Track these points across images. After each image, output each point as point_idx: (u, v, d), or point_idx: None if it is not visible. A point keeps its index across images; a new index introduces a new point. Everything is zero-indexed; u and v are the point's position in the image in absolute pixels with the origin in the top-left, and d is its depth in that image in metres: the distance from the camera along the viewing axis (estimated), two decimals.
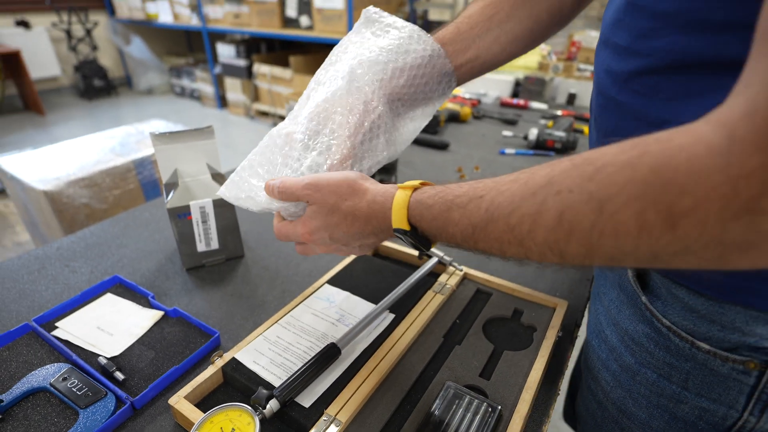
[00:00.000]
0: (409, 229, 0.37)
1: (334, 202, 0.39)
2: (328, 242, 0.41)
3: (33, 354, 0.50)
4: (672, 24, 0.31)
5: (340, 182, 0.40)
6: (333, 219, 0.40)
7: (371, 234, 0.40)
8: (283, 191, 0.41)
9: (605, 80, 0.39)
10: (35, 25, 4.25)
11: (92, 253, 0.70)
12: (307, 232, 0.41)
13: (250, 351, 0.48)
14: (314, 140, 0.44)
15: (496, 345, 0.51)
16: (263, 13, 3.47)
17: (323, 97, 0.45)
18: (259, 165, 0.46)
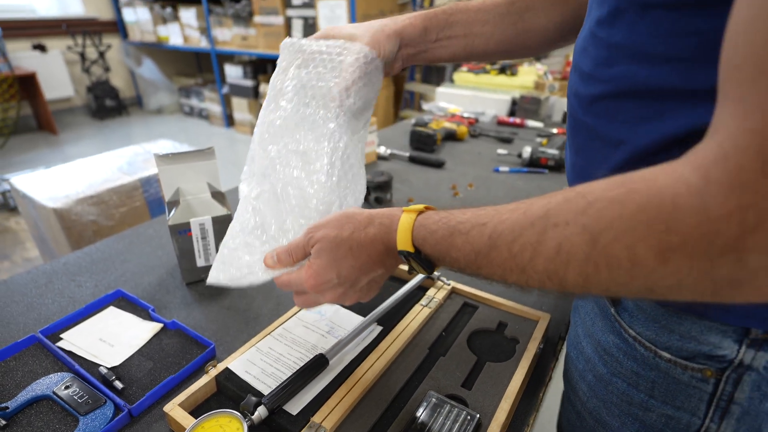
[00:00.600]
0: (413, 251, 0.37)
1: (336, 234, 0.39)
2: (335, 283, 0.40)
3: (38, 364, 0.53)
4: (623, 54, 0.34)
5: (339, 216, 0.41)
6: (339, 252, 0.39)
7: (378, 263, 0.40)
8: (285, 257, 0.42)
9: (574, 103, 0.42)
10: (51, 49, 4.41)
11: (97, 268, 0.73)
12: (312, 275, 0.40)
13: (243, 361, 0.50)
14: (289, 197, 0.45)
15: (479, 356, 0.53)
16: (270, 36, 3.58)
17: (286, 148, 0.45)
18: (244, 236, 0.45)
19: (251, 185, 0.47)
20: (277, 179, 0.46)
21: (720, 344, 0.35)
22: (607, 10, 0.35)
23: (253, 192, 0.46)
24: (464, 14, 0.53)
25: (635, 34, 0.33)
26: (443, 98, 1.87)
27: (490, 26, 0.53)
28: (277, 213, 0.45)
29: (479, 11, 0.53)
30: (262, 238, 0.45)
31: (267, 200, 0.46)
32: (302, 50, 0.48)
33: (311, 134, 0.45)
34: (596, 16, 0.37)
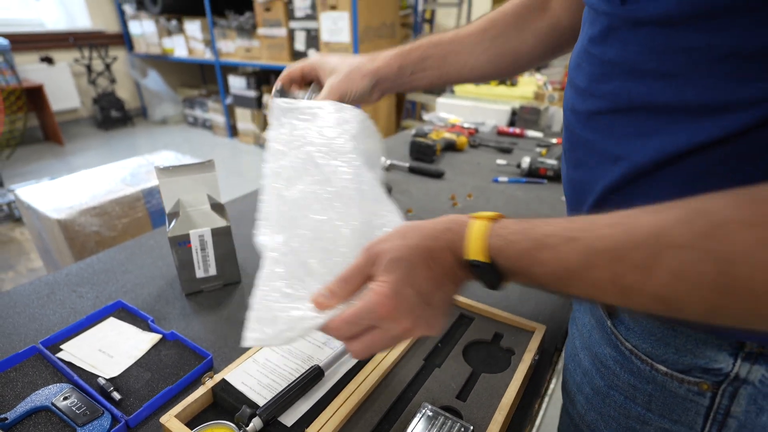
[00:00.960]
0: (486, 260, 0.33)
1: (404, 243, 0.35)
2: (414, 302, 0.34)
3: (38, 375, 0.54)
4: (617, 71, 0.35)
5: (398, 229, 0.37)
6: (413, 262, 0.34)
7: (449, 276, 0.35)
8: (340, 287, 0.36)
9: (571, 117, 0.43)
10: (58, 61, 4.49)
11: (98, 279, 0.74)
12: (386, 295, 0.33)
13: (240, 372, 0.51)
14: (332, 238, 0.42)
15: (474, 368, 0.53)
16: (273, 47, 3.63)
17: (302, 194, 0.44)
18: (279, 287, 0.39)
19: (273, 236, 0.44)
20: (305, 221, 0.43)
21: (715, 357, 0.35)
22: (599, 28, 0.36)
23: (278, 239, 0.43)
24: (437, 48, 0.57)
25: (628, 51, 0.34)
26: (444, 108, 1.89)
27: (464, 55, 0.57)
28: (314, 251, 0.41)
29: (452, 42, 0.57)
30: (301, 283, 0.40)
31: (299, 242, 0.42)
32: (296, 108, 0.50)
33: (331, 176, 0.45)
34: (589, 34, 0.38)
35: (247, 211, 0.98)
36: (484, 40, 0.57)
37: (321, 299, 0.37)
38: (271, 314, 0.37)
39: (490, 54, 0.57)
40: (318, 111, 0.50)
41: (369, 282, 0.36)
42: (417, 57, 0.56)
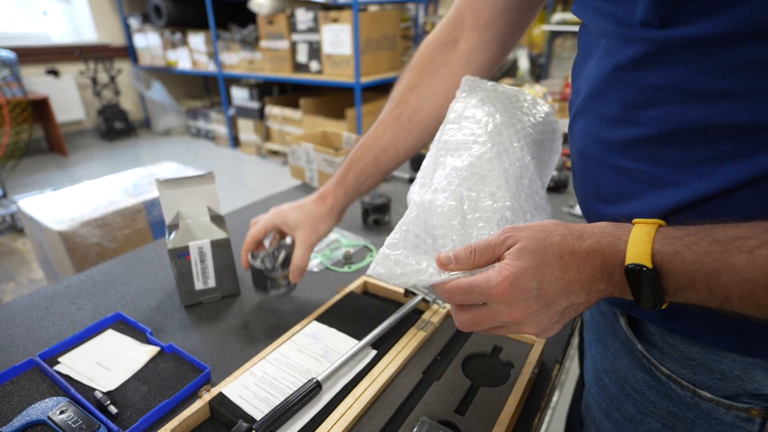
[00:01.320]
0: (651, 266, 0.29)
1: (545, 237, 0.33)
2: (533, 296, 0.32)
3: (35, 388, 0.53)
4: (664, 95, 0.33)
5: (545, 221, 0.35)
6: (547, 257, 0.32)
7: (584, 286, 0.32)
8: (466, 257, 0.35)
9: (595, 148, 0.40)
10: (64, 74, 4.55)
11: (98, 290, 0.74)
12: (507, 278, 0.32)
13: (237, 386, 0.51)
14: (472, 207, 0.42)
15: (473, 381, 0.52)
16: (276, 59, 3.67)
17: (467, 161, 0.44)
18: (414, 239, 0.41)
19: (422, 194, 0.45)
20: (455, 188, 0.44)
21: (765, 382, 0.34)
22: (632, 54, 0.34)
23: (426, 197, 0.44)
24: (367, 158, 0.61)
25: (677, 74, 0.32)
26: None
27: (392, 149, 0.61)
28: (453, 215, 0.42)
29: (376, 144, 0.61)
30: (435, 241, 0.41)
31: (443, 204, 0.43)
32: (483, 88, 0.52)
33: (500, 156, 0.45)
34: (615, 62, 0.36)
35: (246, 222, 0.98)
36: (402, 125, 0.60)
37: (444, 260, 0.37)
38: (396, 256, 0.39)
39: (414, 133, 0.60)
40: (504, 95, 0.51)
41: (497, 262, 0.35)
42: (354, 178, 0.62)
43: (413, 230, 0.41)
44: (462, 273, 0.37)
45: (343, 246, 0.88)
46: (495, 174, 0.44)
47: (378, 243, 0.88)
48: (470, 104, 0.50)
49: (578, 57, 0.46)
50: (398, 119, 0.60)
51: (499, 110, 0.49)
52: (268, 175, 3.75)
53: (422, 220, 0.42)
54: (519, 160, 0.45)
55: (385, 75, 3.54)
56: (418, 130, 0.60)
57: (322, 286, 0.75)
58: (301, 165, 1.22)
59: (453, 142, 0.47)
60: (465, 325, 0.36)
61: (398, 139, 0.60)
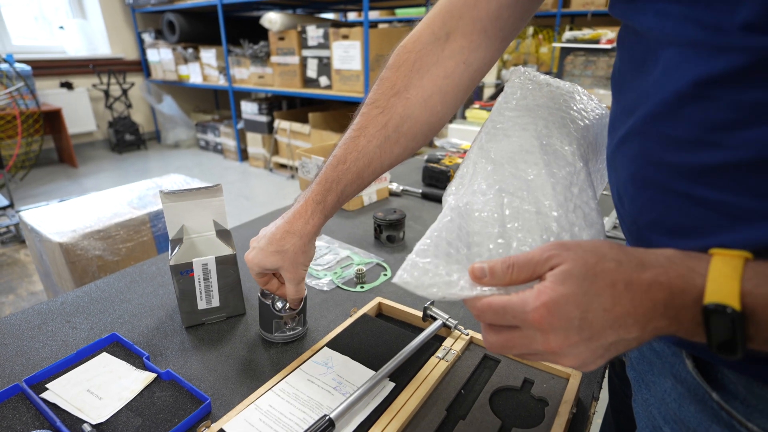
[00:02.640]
0: (739, 308, 0.25)
1: (596, 262, 0.29)
2: (574, 326, 0.28)
3: (18, 418, 0.48)
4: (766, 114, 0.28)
5: (600, 241, 0.31)
6: (595, 286, 0.28)
7: (640, 321, 0.28)
8: (502, 272, 0.31)
9: (657, 173, 0.35)
10: (77, 86, 4.61)
11: (95, 308, 0.70)
12: (545, 304, 0.28)
13: (240, 422, 0.45)
14: (514, 215, 0.38)
15: (503, 420, 0.47)
16: (285, 74, 3.69)
17: (511, 165, 0.40)
18: (447, 246, 0.37)
19: (458, 197, 0.41)
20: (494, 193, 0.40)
21: None
22: (728, 65, 0.29)
23: (462, 200, 0.40)
24: (349, 175, 0.52)
25: None
26: (455, 134, 1.87)
27: (377, 163, 0.53)
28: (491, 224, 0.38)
29: (360, 158, 0.52)
30: (469, 249, 0.37)
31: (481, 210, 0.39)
32: (535, 81, 0.47)
33: (549, 161, 0.41)
34: (700, 74, 0.31)
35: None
36: (389, 135, 0.52)
37: (478, 273, 0.32)
38: (425, 264, 0.35)
39: (402, 144, 0.53)
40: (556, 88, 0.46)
41: (537, 280, 0.31)
42: (334, 199, 0.53)
43: (446, 236, 0.37)
44: (497, 289, 0.33)
45: (355, 264, 0.83)
46: (541, 180, 0.39)
47: (391, 261, 0.84)
48: (518, 100, 0.45)
49: (622, 69, 0.41)
50: (384, 128, 0.52)
51: (550, 108, 0.44)
52: (275, 188, 3.73)
53: (456, 225, 0.38)
54: (569, 165, 0.41)
55: None
56: (407, 141, 0.53)
57: (332, 307, 0.70)
58: (311, 178, 1.18)
59: (496, 142, 0.43)
60: (494, 346, 0.32)
61: (383, 151, 0.52)
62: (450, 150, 1.65)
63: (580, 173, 0.42)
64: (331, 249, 0.88)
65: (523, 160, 0.40)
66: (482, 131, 0.45)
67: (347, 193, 0.54)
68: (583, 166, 0.42)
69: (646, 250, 0.30)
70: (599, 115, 0.47)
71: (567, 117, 0.44)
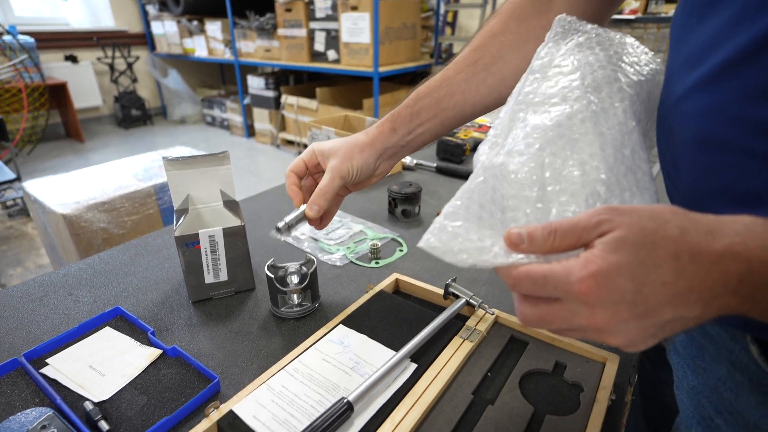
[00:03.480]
0: None
1: (657, 228, 0.25)
2: (626, 300, 0.24)
3: (17, 394, 0.46)
4: None
5: (661, 207, 0.27)
6: (654, 255, 0.24)
7: (706, 297, 0.24)
8: (543, 238, 0.27)
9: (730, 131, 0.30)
10: (82, 60, 4.54)
11: (98, 281, 0.66)
12: (593, 274, 0.24)
13: (251, 402, 0.42)
14: (555, 177, 0.34)
15: (535, 406, 0.43)
16: (292, 48, 3.59)
17: (554, 121, 0.35)
18: (478, 209, 0.33)
19: (492, 155, 0.36)
20: (534, 150, 0.35)
21: None
22: None
23: (497, 160, 0.35)
24: (428, 98, 0.52)
25: None
26: None
27: (459, 97, 0.51)
28: (528, 185, 0.34)
29: (441, 87, 0.51)
30: (504, 214, 0.33)
31: (518, 170, 0.35)
32: (582, 30, 0.42)
33: (597, 118, 0.36)
34: None
35: (262, 210, 0.90)
36: (477, 72, 0.50)
37: (515, 239, 0.28)
38: (454, 228, 0.31)
39: (489, 84, 0.51)
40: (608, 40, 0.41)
41: (583, 249, 0.27)
42: (407, 114, 0.51)
43: (477, 198, 0.33)
44: (535, 257, 0.29)
45: (369, 239, 0.79)
46: (588, 139, 0.34)
47: (407, 236, 0.79)
48: (563, 50, 0.40)
49: (685, 12, 0.36)
50: (474, 65, 0.50)
51: (600, 60, 0.38)
52: (282, 164, 3.68)
53: (490, 186, 0.34)
54: (621, 124, 0.35)
55: (405, 65, 3.43)
56: (494, 82, 0.50)
57: (346, 283, 0.66)
58: None
59: (537, 96, 0.37)
60: (529, 320, 0.28)
61: (469, 87, 0.50)
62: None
63: (632, 133, 0.36)
64: (343, 223, 0.84)
65: (569, 116, 0.35)
66: (522, 83, 0.40)
67: (423, 116, 0.51)
68: (636, 125, 0.37)
69: (717, 216, 0.26)
70: (653, 71, 0.42)
71: (618, 70, 0.39)
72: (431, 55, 3.85)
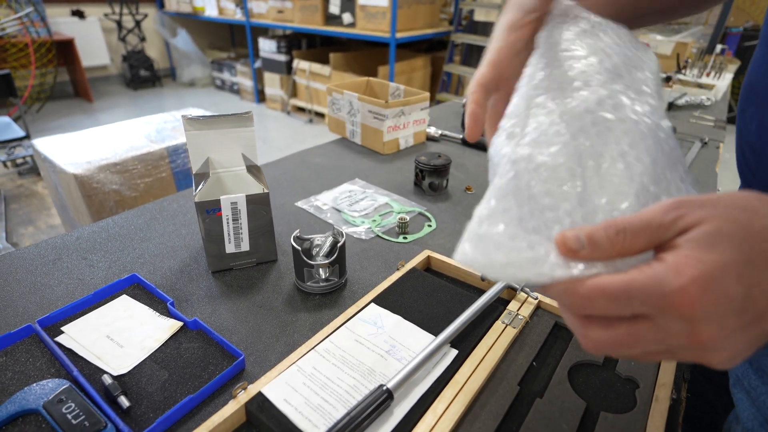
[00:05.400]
0: None
1: (750, 219, 0.21)
2: (736, 308, 0.20)
3: (31, 363, 0.43)
4: None
5: (736, 194, 0.23)
6: (757, 249, 0.21)
7: None
8: (608, 239, 0.23)
9: None
10: (89, 15, 4.40)
11: (113, 245, 0.63)
12: (694, 280, 0.20)
13: (281, 385, 0.39)
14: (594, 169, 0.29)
15: (588, 402, 0.40)
16: (306, 9, 3.44)
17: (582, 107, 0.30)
18: (518, 210, 0.27)
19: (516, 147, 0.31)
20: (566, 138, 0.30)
21: None
22: None
23: (523, 151, 0.30)
24: None
25: None
26: None
27: None
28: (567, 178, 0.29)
29: None
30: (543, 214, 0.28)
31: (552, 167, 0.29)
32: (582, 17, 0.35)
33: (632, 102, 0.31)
34: None
35: (281, 178, 0.86)
36: None
37: (572, 243, 0.23)
38: (499, 238, 0.25)
39: None
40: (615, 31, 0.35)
41: (657, 250, 0.22)
42: None
43: (514, 198, 0.27)
44: (602, 266, 0.23)
45: (396, 212, 0.74)
46: (625, 127, 0.28)
47: (435, 211, 0.75)
48: (567, 36, 0.33)
49: None
50: None
51: (611, 46, 0.32)
52: (293, 132, 3.61)
53: (524, 182, 0.28)
54: (654, 110, 0.29)
55: (423, 31, 3.28)
56: None
57: (373, 258, 0.62)
58: (342, 117, 1.07)
59: (554, 82, 0.31)
60: (602, 346, 0.23)
61: None
62: None
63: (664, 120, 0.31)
64: (367, 195, 0.80)
65: (597, 101, 0.29)
66: (531, 70, 0.33)
67: None
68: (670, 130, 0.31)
69: None
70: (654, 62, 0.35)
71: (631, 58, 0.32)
72: (450, 21, 3.68)
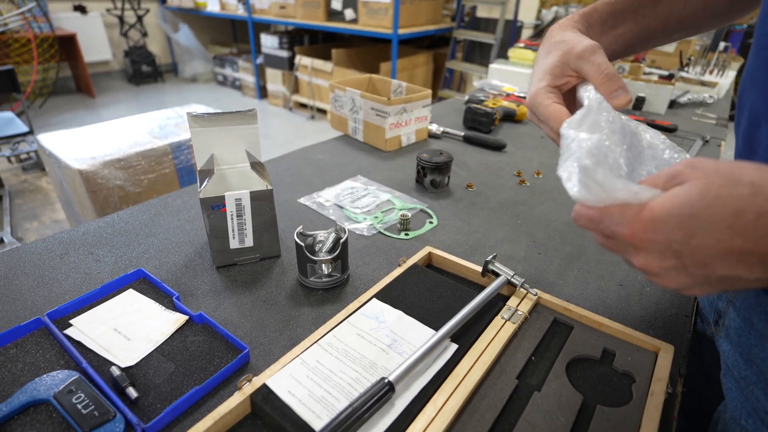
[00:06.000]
0: None
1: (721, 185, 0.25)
2: (672, 250, 0.26)
3: (41, 355, 0.44)
4: None
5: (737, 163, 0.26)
6: (711, 210, 0.24)
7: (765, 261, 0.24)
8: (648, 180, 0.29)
9: None
10: (91, 11, 4.40)
11: (119, 240, 0.64)
12: (642, 221, 0.26)
13: (285, 377, 0.40)
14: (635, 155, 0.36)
15: (585, 395, 0.40)
16: (308, 5, 3.43)
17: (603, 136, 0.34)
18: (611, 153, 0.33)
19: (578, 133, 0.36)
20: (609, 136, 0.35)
21: None
22: None
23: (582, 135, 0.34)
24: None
25: None
26: (496, 75, 1.71)
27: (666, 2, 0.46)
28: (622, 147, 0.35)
29: None
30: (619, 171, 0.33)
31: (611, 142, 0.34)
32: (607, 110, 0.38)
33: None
34: None
35: (284, 174, 0.86)
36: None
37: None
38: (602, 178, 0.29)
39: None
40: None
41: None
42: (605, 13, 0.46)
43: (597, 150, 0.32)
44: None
45: (397, 209, 0.75)
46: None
47: (436, 207, 0.75)
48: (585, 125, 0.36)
49: None
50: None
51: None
52: (294, 128, 3.61)
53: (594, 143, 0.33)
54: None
55: (425, 27, 3.28)
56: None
57: (375, 254, 0.63)
58: (344, 114, 1.08)
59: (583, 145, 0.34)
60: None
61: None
62: (491, 92, 1.51)
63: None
64: (369, 191, 0.81)
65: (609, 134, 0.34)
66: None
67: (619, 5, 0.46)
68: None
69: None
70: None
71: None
72: (452, 17, 3.67)
